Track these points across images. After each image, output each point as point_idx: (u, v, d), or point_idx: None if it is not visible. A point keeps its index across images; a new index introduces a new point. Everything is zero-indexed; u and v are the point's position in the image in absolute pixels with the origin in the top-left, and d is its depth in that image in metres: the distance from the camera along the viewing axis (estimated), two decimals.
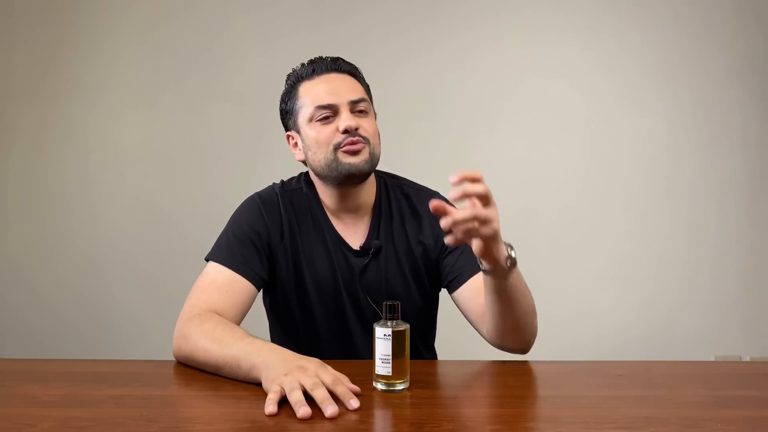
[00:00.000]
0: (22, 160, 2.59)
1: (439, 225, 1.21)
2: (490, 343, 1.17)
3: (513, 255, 1.02)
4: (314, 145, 1.20)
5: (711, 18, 2.53)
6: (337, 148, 1.18)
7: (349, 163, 1.18)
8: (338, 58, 1.26)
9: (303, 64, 1.26)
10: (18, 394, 0.97)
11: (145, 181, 2.58)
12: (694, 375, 1.12)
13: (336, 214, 1.26)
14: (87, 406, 0.92)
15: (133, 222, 2.58)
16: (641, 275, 2.56)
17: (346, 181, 1.21)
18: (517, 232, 2.52)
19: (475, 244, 0.97)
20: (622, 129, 2.56)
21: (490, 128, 2.56)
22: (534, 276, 2.51)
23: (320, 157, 1.20)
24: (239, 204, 1.29)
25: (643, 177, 2.56)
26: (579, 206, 2.56)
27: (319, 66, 1.24)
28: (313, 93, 1.21)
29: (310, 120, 1.21)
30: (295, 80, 1.25)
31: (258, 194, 1.29)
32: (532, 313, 1.12)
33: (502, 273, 1.02)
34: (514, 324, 1.10)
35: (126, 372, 1.09)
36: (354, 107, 1.20)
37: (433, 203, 0.92)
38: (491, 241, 0.96)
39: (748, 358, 2.55)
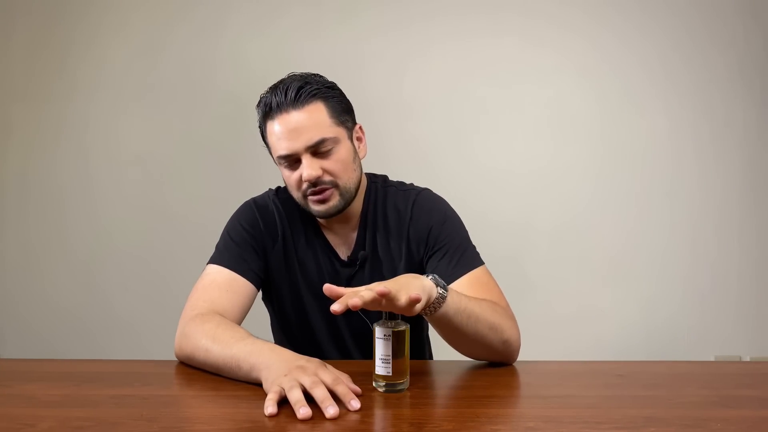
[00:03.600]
0: (22, 160, 2.59)
1: (423, 226, 1.22)
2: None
3: (440, 290, 0.96)
4: (287, 185, 1.21)
5: (711, 16, 2.53)
6: (305, 195, 1.18)
7: (317, 210, 1.19)
8: (300, 87, 1.14)
9: (269, 90, 1.17)
10: (18, 394, 0.97)
11: (146, 181, 2.58)
12: (694, 375, 1.12)
13: (327, 224, 1.27)
14: (87, 406, 0.92)
15: (134, 221, 2.58)
16: (641, 275, 2.56)
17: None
18: (517, 231, 2.55)
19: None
20: (623, 128, 2.56)
21: (490, 127, 2.56)
22: (534, 276, 2.55)
23: (294, 197, 1.22)
24: (239, 202, 1.31)
25: (643, 176, 2.56)
26: (579, 205, 2.56)
27: (278, 100, 1.14)
28: (273, 138, 1.16)
29: (279, 164, 1.19)
30: (261, 114, 1.19)
31: (254, 200, 1.30)
32: (491, 329, 1.05)
33: (436, 307, 0.97)
34: (470, 342, 1.06)
35: (126, 372, 1.09)
36: (315, 149, 1.14)
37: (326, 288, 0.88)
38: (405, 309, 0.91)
39: (748, 358, 2.55)
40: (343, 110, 1.19)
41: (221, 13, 2.56)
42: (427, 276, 1.00)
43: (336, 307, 0.84)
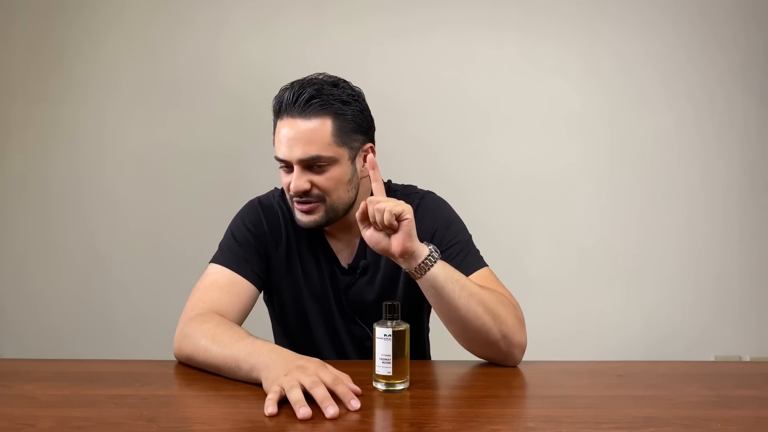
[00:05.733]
0: (22, 160, 2.59)
1: (427, 229, 1.22)
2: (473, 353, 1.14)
3: (432, 249, 1.05)
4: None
5: (712, 16, 2.53)
6: (292, 199, 1.19)
7: (299, 220, 1.19)
8: (312, 97, 1.13)
9: (288, 86, 1.17)
10: (18, 394, 0.97)
11: (145, 181, 2.58)
12: (694, 375, 1.12)
13: (330, 230, 1.26)
14: (87, 406, 0.92)
15: (133, 221, 2.58)
16: (641, 275, 2.56)
17: None
18: (517, 231, 2.55)
19: (395, 239, 1.02)
20: (623, 128, 2.55)
21: (490, 128, 2.56)
22: (534, 276, 2.54)
23: (287, 199, 1.23)
24: (239, 203, 1.30)
25: (643, 176, 2.55)
26: (579, 206, 2.56)
27: (286, 104, 1.14)
28: (276, 137, 1.16)
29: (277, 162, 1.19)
30: (273, 109, 1.18)
31: (259, 199, 1.30)
32: (488, 312, 1.07)
33: (424, 268, 1.04)
34: (462, 326, 1.07)
35: (126, 372, 1.09)
36: (308, 164, 1.14)
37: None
38: (403, 235, 1.01)
39: (748, 358, 2.55)
40: (353, 129, 1.17)
41: (221, 13, 2.56)
42: (428, 245, 1.06)
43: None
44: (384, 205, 1.00)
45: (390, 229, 1.01)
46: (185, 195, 2.57)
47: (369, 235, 1.04)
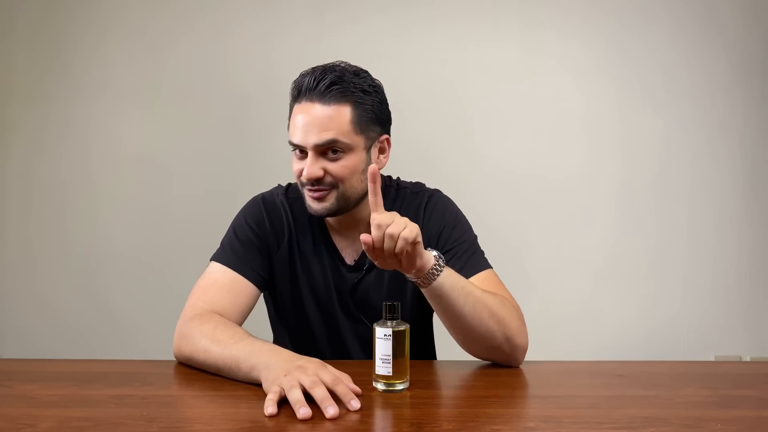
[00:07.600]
0: (22, 160, 2.59)
1: (435, 226, 1.22)
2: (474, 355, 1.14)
3: (436, 257, 1.03)
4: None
5: (711, 17, 2.53)
6: (304, 186, 1.17)
7: (311, 207, 1.17)
8: (333, 83, 1.12)
9: (308, 71, 1.16)
10: (18, 394, 0.97)
11: (145, 181, 2.58)
12: (694, 375, 1.12)
13: (337, 226, 1.25)
14: (87, 406, 0.92)
15: (133, 222, 2.58)
16: (641, 275, 2.56)
17: None
18: (517, 231, 2.55)
19: (407, 264, 1.00)
20: (622, 129, 2.56)
21: (490, 128, 2.56)
22: (534, 276, 2.54)
23: (298, 187, 1.21)
24: (240, 204, 1.30)
25: (643, 176, 2.56)
26: (579, 206, 2.56)
27: (306, 88, 1.13)
28: (292, 122, 1.15)
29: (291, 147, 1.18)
30: (292, 94, 1.17)
31: (263, 196, 1.29)
32: (493, 317, 1.07)
33: (430, 278, 1.02)
34: (470, 328, 1.07)
35: (126, 372, 1.09)
36: (324, 150, 1.12)
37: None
38: (413, 255, 0.99)
39: (748, 358, 2.55)
40: (371, 119, 1.16)
41: (222, 14, 2.56)
42: (432, 251, 1.03)
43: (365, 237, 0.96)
44: (396, 231, 0.96)
45: (400, 255, 0.97)
46: (186, 195, 2.57)
47: (383, 266, 1.01)
